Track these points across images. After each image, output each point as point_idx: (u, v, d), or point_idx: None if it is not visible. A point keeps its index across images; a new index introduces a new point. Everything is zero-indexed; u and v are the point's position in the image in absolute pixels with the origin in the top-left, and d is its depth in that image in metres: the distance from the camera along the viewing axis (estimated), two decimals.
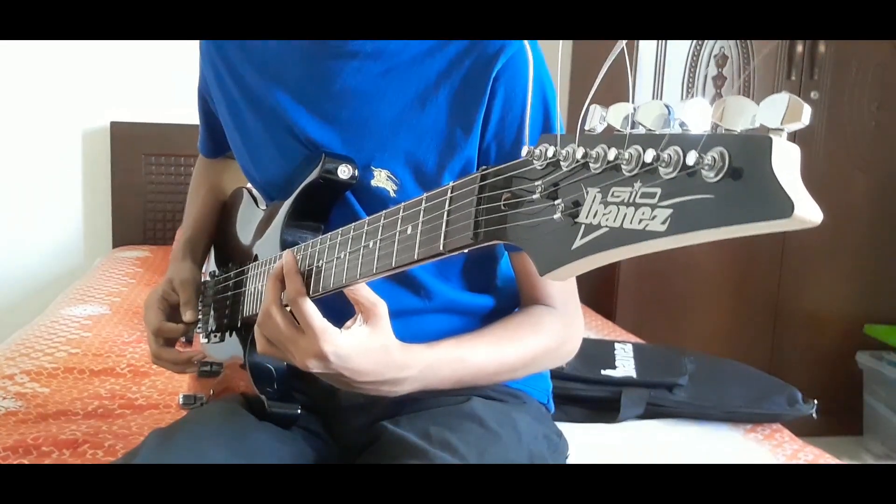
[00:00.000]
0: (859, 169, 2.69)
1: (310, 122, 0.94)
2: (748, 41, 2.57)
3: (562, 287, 0.96)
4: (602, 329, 2.14)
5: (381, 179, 0.91)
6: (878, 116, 2.68)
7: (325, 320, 0.76)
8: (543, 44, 0.93)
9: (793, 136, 0.41)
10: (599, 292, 2.66)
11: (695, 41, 2.54)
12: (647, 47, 2.51)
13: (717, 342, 2.67)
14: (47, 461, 1.17)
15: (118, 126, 2.82)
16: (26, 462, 1.17)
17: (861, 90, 2.65)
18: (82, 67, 2.78)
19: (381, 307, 0.77)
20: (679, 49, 2.54)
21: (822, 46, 2.59)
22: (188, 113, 1.20)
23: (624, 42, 0.51)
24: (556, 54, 2.74)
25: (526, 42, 0.89)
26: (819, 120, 2.64)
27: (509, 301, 0.99)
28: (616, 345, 1.68)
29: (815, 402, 1.49)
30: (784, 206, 0.39)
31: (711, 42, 2.55)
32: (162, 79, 2.79)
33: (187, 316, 1.04)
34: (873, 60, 2.64)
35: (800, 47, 2.59)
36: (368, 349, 0.77)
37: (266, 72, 0.98)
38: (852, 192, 2.70)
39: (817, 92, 2.62)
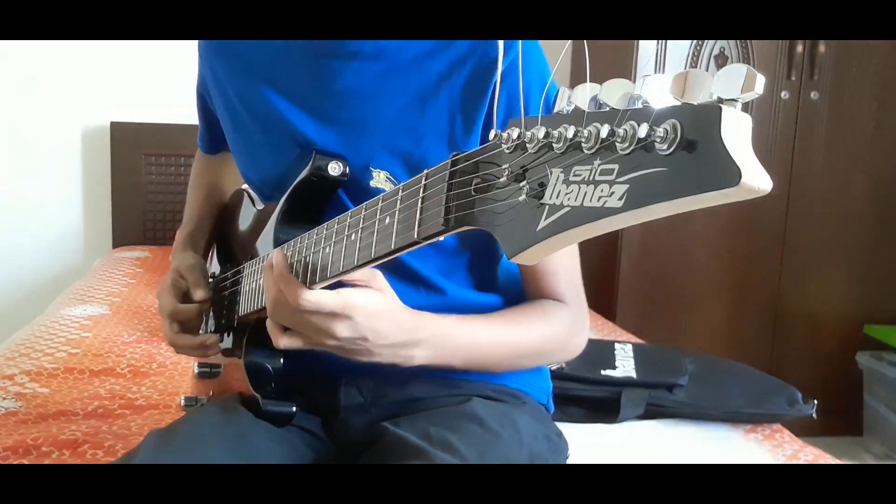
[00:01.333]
0: (859, 169, 2.69)
1: (308, 123, 0.94)
2: (748, 41, 2.57)
3: (569, 283, 0.96)
4: (602, 329, 2.14)
5: (381, 180, 0.91)
6: (878, 116, 2.67)
7: (334, 293, 0.77)
8: (543, 44, 0.93)
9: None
10: (599, 292, 2.66)
11: (695, 41, 2.54)
12: (647, 47, 2.52)
13: (717, 342, 2.67)
14: (47, 461, 1.17)
15: (118, 126, 2.82)
16: (26, 462, 1.16)
17: (861, 90, 2.65)
18: (82, 67, 2.78)
19: (380, 275, 0.79)
20: (679, 49, 2.54)
21: (822, 46, 2.59)
22: (188, 113, 1.20)
23: (584, 41, 0.51)
24: (557, 54, 2.74)
25: (529, 43, 0.89)
26: (819, 120, 2.64)
27: (514, 300, 1.00)
28: (616, 345, 1.68)
29: (815, 402, 1.49)
30: (732, 175, 0.39)
31: (711, 42, 2.55)
32: (162, 79, 2.79)
33: (198, 295, 1.03)
34: (873, 60, 2.63)
35: (800, 47, 2.59)
36: (382, 310, 0.79)
37: (263, 74, 0.98)
38: (852, 192, 2.70)
39: (817, 92, 2.62)
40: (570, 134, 0.47)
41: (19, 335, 1.83)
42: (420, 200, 0.62)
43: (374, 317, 0.78)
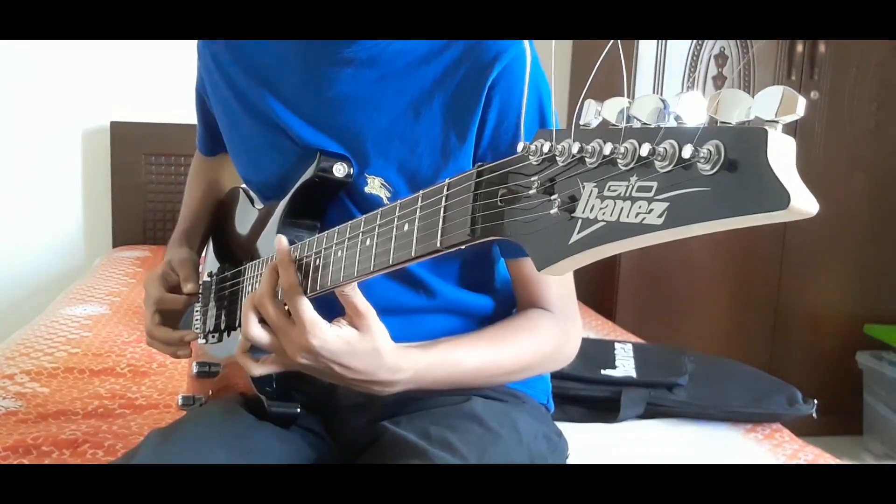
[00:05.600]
0: (859, 168, 2.69)
1: (304, 128, 0.94)
2: (748, 41, 2.57)
3: (559, 292, 0.95)
4: (602, 329, 2.14)
5: (375, 187, 0.91)
6: (878, 116, 2.67)
7: (315, 314, 0.77)
8: (544, 44, 0.93)
9: (793, 135, 0.41)
10: (599, 292, 2.66)
11: (695, 41, 2.54)
12: (647, 47, 2.51)
13: (717, 342, 2.67)
14: (47, 461, 1.17)
15: (118, 126, 2.82)
16: (26, 462, 1.16)
17: (861, 90, 2.65)
18: (82, 67, 2.77)
19: (371, 315, 0.78)
20: (679, 49, 2.54)
21: (822, 46, 2.59)
22: (188, 113, 1.20)
23: (618, 41, 0.51)
24: (558, 55, 2.74)
25: (523, 47, 0.89)
26: (819, 120, 2.64)
27: (507, 303, 0.99)
28: (616, 345, 1.68)
29: (815, 401, 1.49)
30: (780, 198, 0.39)
31: (711, 42, 2.55)
32: (162, 79, 2.79)
33: (188, 287, 1.03)
34: (873, 60, 2.64)
35: (800, 47, 2.59)
36: (358, 351, 0.78)
37: (260, 78, 0.98)
38: (852, 192, 2.70)
39: (817, 92, 2.62)
40: (608, 150, 0.47)
41: (19, 335, 1.84)
42: (443, 209, 0.62)
43: (342, 356, 0.78)
